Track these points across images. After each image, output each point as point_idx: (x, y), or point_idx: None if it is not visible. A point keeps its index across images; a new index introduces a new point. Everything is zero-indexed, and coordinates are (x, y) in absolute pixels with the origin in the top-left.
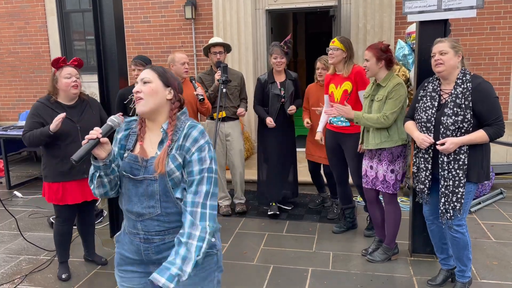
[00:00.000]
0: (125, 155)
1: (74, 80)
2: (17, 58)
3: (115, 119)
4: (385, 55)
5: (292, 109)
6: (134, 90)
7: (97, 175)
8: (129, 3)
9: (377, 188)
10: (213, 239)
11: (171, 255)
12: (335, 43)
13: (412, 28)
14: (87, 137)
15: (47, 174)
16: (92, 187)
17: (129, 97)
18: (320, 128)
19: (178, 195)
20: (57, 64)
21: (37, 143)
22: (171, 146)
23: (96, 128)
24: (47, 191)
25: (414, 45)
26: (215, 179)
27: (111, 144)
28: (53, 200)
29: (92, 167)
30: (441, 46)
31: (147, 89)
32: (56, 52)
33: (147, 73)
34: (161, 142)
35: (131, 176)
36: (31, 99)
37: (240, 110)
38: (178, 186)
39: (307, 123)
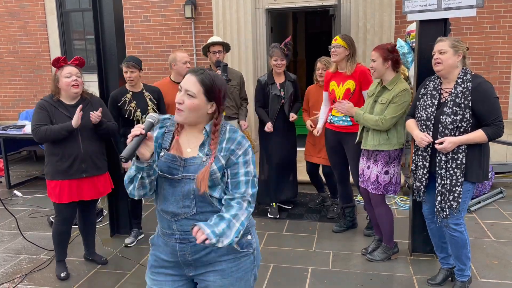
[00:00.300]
0: (162, 154)
1: (75, 80)
2: (17, 57)
3: (154, 115)
4: (391, 56)
5: (293, 117)
6: (176, 99)
7: (139, 176)
8: (129, 2)
9: (367, 189)
10: (249, 237)
11: (211, 220)
12: (337, 40)
13: (413, 27)
14: (130, 135)
15: (47, 171)
16: (130, 188)
17: (123, 99)
18: (320, 125)
19: (216, 194)
20: (58, 63)
21: (54, 137)
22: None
23: (138, 125)
24: (48, 188)
25: (414, 44)
26: (256, 181)
27: None
28: (52, 197)
29: (133, 169)
30: (440, 45)
31: (189, 105)
32: (55, 51)
33: (193, 85)
34: (202, 145)
35: (169, 175)
36: (31, 99)
37: (243, 123)
38: (216, 185)
39: (310, 126)
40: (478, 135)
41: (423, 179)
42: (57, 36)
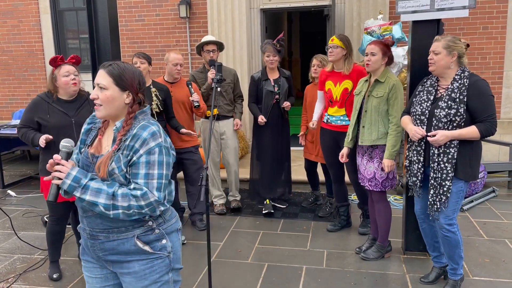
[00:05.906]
0: (82, 150)
1: (73, 78)
2: (11, 56)
3: (67, 144)
4: (389, 53)
5: (286, 104)
6: (91, 96)
7: None
8: (123, 1)
9: (365, 186)
10: (163, 241)
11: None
12: (334, 41)
13: (368, 24)
14: (51, 175)
15: (42, 168)
16: None
17: None
18: (315, 117)
19: None
20: (55, 62)
21: (26, 143)
22: (120, 146)
23: (55, 156)
24: (43, 186)
25: (386, 37)
26: (163, 186)
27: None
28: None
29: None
30: (434, 46)
31: (103, 97)
32: (49, 50)
33: (103, 78)
34: (114, 140)
35: None
36: (25, 98)
37: (237, 122)
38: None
39: (308, 129)
40: (471, 130)
41: (418, 173)
42: (51, 35)
